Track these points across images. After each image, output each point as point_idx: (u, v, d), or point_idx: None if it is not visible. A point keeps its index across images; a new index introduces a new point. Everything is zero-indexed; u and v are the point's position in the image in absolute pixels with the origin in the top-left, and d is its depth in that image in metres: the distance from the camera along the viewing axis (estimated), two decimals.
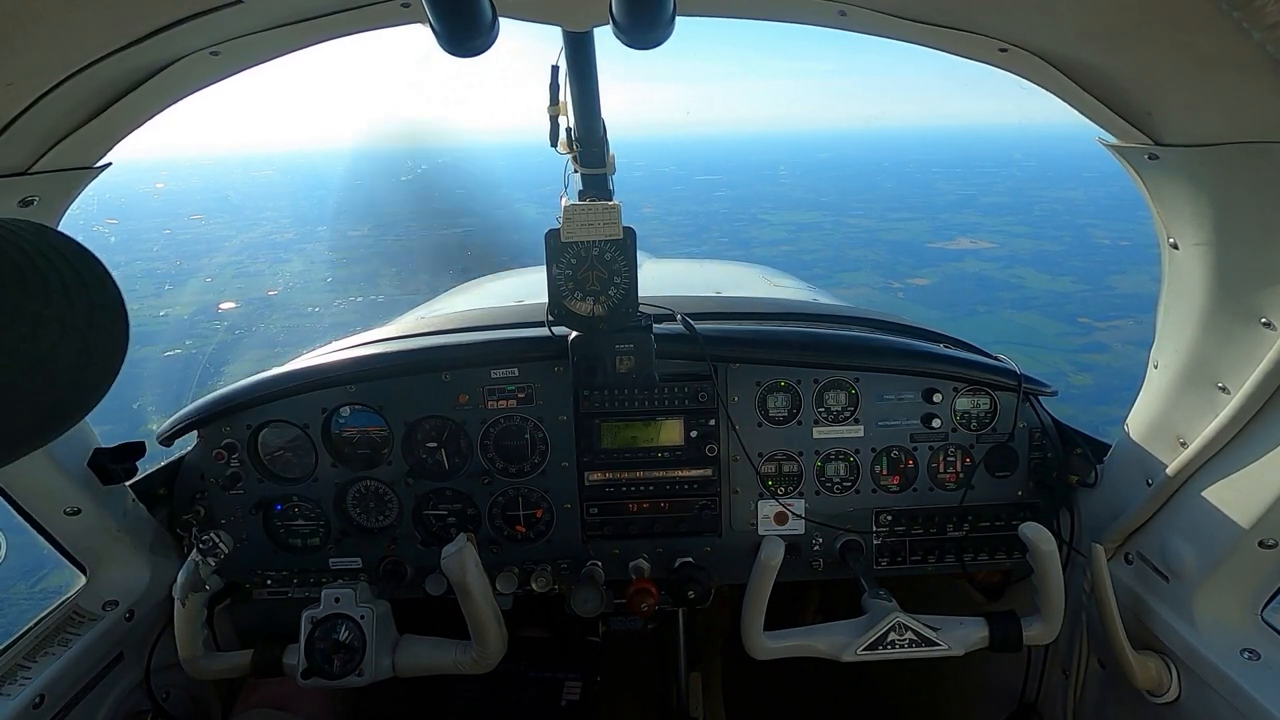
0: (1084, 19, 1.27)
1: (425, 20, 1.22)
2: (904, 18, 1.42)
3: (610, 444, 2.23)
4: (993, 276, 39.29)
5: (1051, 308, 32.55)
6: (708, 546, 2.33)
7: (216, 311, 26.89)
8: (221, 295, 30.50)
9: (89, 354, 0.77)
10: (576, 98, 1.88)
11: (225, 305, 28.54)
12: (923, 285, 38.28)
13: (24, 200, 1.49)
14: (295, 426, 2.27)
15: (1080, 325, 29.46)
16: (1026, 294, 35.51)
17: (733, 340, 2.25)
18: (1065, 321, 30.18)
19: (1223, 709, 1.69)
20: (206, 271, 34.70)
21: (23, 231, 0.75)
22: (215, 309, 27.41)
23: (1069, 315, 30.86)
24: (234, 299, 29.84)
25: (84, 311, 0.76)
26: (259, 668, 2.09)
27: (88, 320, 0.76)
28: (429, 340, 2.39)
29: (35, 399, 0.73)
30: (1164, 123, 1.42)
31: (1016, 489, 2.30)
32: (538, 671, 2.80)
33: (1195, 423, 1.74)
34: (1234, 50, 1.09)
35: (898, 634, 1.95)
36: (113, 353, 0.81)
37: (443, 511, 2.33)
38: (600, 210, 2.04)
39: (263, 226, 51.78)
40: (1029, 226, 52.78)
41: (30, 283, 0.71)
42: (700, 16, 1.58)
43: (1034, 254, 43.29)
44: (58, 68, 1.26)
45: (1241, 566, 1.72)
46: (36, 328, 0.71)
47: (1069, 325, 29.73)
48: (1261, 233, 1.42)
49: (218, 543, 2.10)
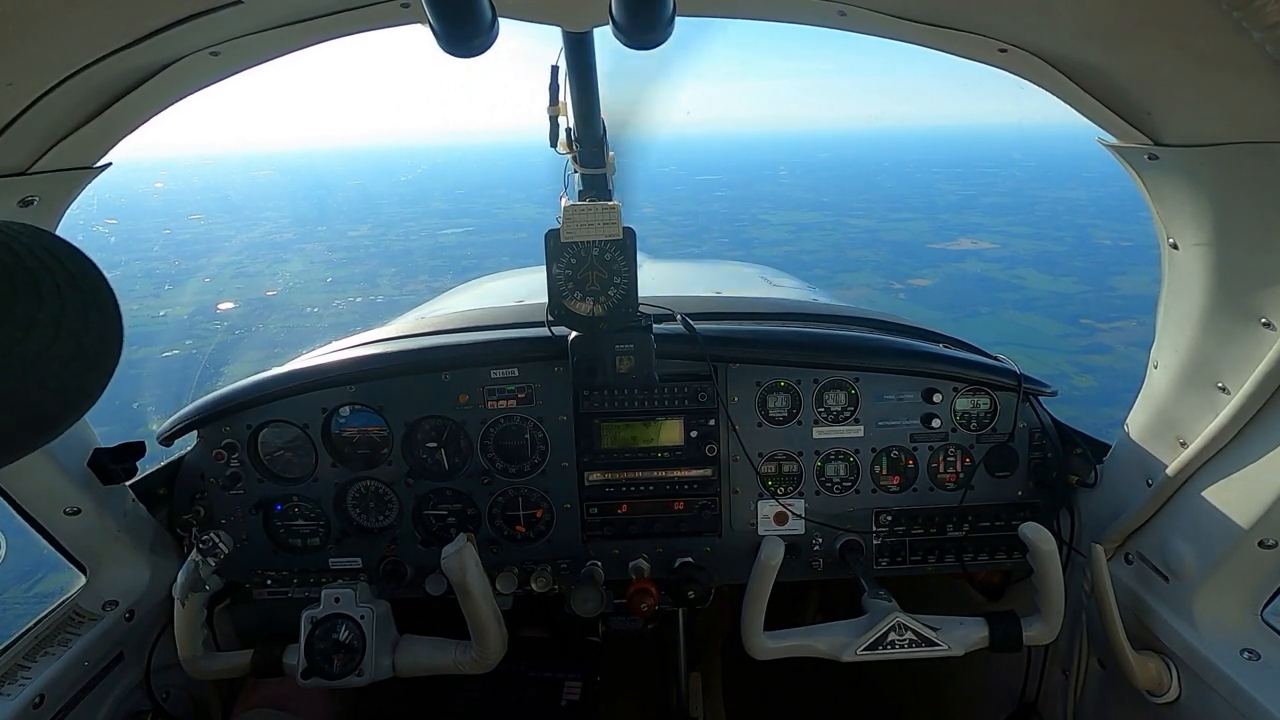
0: (1084, 19, 1.27)
1: (425, 20, 1.22)
2: (903, 18, 1.42)
3: (610, 444, 2.23)
4: (994, 277, 39.04)
5: (1053, 309, 32.30)
6: (708, 546, 2.33)
7: (215, 312, 26.86)
8: (220, 296, 30.46)
9: (83, 357, 0.77)
10: (576, 98, 1.88)
11: (224, 305, 28.53)
12: (924, 286, 37.98)
13: (24, 200, 1.49)
14: (295, 426, 2.27)
15: (1083, 326, 29.25)
16: (1028, 295, 35.25)
17: (733, 340, 2.25)
18: (1067, 322, 29.96)
19: (1223, 709, 1.69)
20: (206, 271, 34.67)
21: (16, 234, 0.75)
22: (214, 309, 27.38)
23: (1071, 316, 30.63)
24: (233, 299, 29.81)
25: (77, 314, 0.76)
26: (259, 668, 2.09)
27: (82, 323, 0.76)
28: (429, 340, 2.39)
29: (28, 402, 0.73)
30: (1164, 123, 1.42)
31: (1016, 489, 2.30)
32: (538, 671, 2.80)
33: (1195, 423, 1.74)
34: (1234, 50, 1.09)
35: (898, 634, 1.95)
36: (107, 355, 0.81)
37: (443, 511, 2.33)
38: (600, 210, 2.04)
39: (262, 226, 51.68)
40: (1030, 227, 52.40)
41: (22, 285, 0.71)
42: (700, 17, 1.58)
43: (1036, 255, 42.99)
44: (58, 68, 1.26)
45: (1241, 566, 1.72)
46: (29, 330, 0.71)
47: (1071, 326, 29.51)
48: (1261, 233, 1.42)
49: (218, 543, 2.10)
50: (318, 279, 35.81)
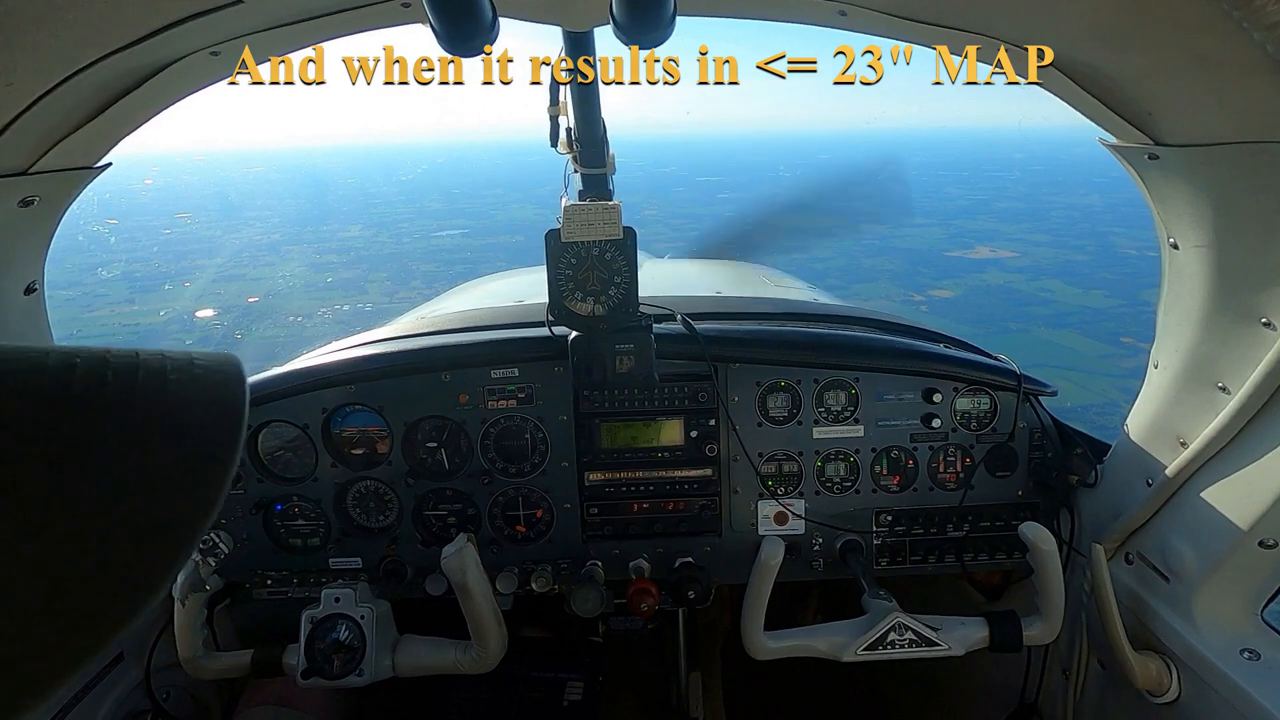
0: (1085, 19, 1.27)
1: (425, 20, 1.22)
2: (904, 18, 1.42)
3: (610, 444, 2.23)
4: (1020, 289, 37.41)
5: (1089, 325, 30.25)
6: (708, 546, 2.33)
7: (193, 320, 26.63)
8: (200, 302, 30.13)
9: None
10: (576, 98, 1.88)
11: (202, 313, 28.35)
12: (946, 298, 36.23)
13: (24, 200, 1.49)
14: (295, 426, 2.26)
15: (1124, 346, 26.16)
16: (1059, 309, 33.29)
17: (733, 340, 2.25)
18: (1107, 341, 27.62)
19: (1223, 709, 1.69)
20: (187, 275, 34.19)
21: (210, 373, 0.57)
22: (192, 316, 27.16)
23: (1110, 334, 28.26)
24: (213, 306, 29.41)
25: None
26: (259, 668, 2.09)
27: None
28: (429, 340, 2.38)
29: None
30: (1164, 123, 1.42)
31: (1016, 489, 2.30)
32: (539, 671, 2.80)
33: (1195, 423, 1.74)
34: (1234, 50, 1.09)
35: (898, 634, 1.95)
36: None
37: (443, 511, 2.32)
38: (600, 210, 2.04)
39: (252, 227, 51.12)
40: (1049, 235, 50.59)
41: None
42: (700, 16, 1.58)
43: (1059, 265, 41.37)
44: (58, 68, 1.26)
45: (1241, 566, 1.72)
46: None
47: (1112, 346, 26.84)
48: (1261, 233, 1.42)
49: (218, 543, 2.10)
50: (304, 284, 35.26)
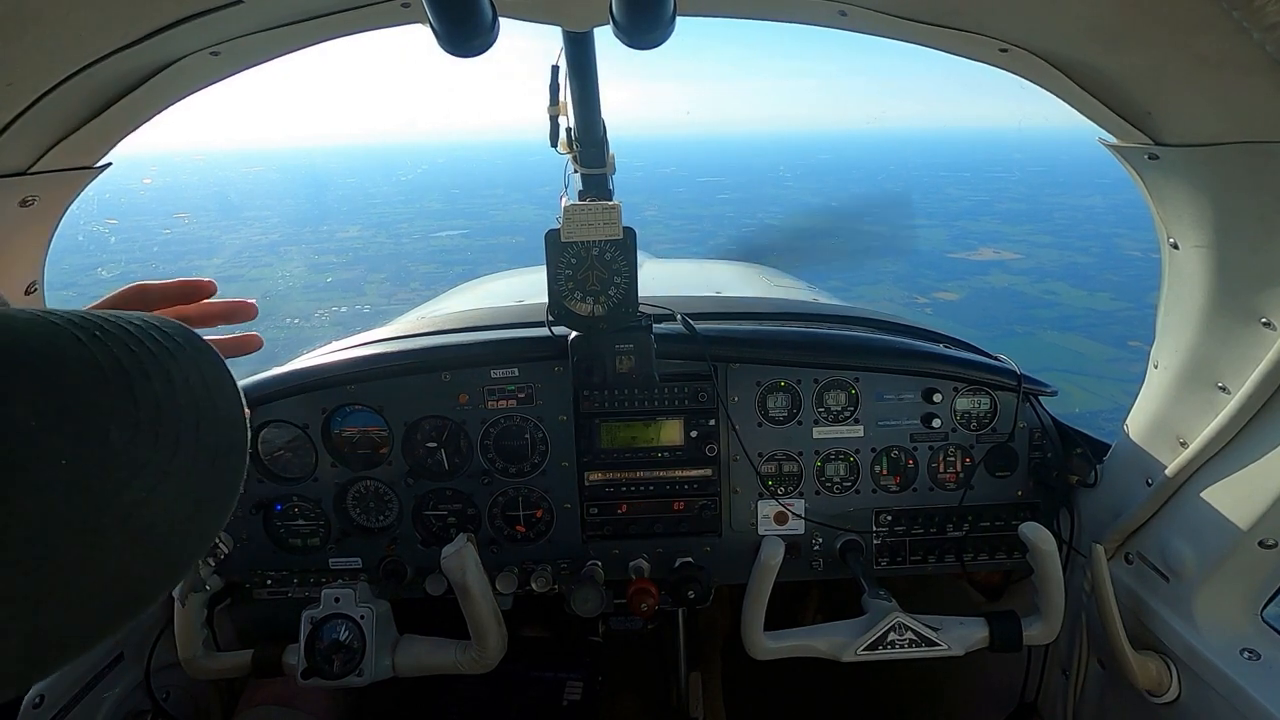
0: (1084, 19, 1.27)
1: (425, 20, 1.22)
2: (904, 18, 1.42)
3: (610, 444, 2.23)
4: (1024, 292, 37.17)
5: (1096, 329, 29.97)
6: (708, 546, 2.33)
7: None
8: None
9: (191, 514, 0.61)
10: (576, 98, 1.88)
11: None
12: (951, 300, 35.89)
13: (24, 200, 1.49)
14: (295, 426, 2.26)
15: (1132, 350, 25.64)
16: (1065, 312, 33.10)
17: (733, 340, 2.25)
18: (1114, 345, 27.42)
19: (1223, 709, 1.69)
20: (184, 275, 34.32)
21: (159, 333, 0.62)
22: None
23: (1117, 338, 28.01)
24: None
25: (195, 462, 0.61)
26: (259, 668, 2.09)
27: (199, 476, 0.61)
28: (429, 340, 2.38)
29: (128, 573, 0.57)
30: (1164, 123, 1.42)
31: (1016, 489, 2.30)
32: (539, 671, 2.79)
33: (1195, 423, 1.74)
34: (1234, 50, 1.09)
35: (898, 634, 1.95)
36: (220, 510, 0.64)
37: (443, 511, 2.32)
38: (600, 210, 2.04)
39: (250, 227, 51.00)
40: (1052, 236, 50.51)
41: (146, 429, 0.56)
42: (700, 16, 1.58)
43: (1063, 267, 40.99)
44: (58, 68, 1.26)
45: (1241, 566, 1.72)
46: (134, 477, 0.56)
47: (1120, 350, 26.63)
48: (1261, 233, 1.42)
49: (218, 543, 2.10)
50: (303, 284, 35.07)
